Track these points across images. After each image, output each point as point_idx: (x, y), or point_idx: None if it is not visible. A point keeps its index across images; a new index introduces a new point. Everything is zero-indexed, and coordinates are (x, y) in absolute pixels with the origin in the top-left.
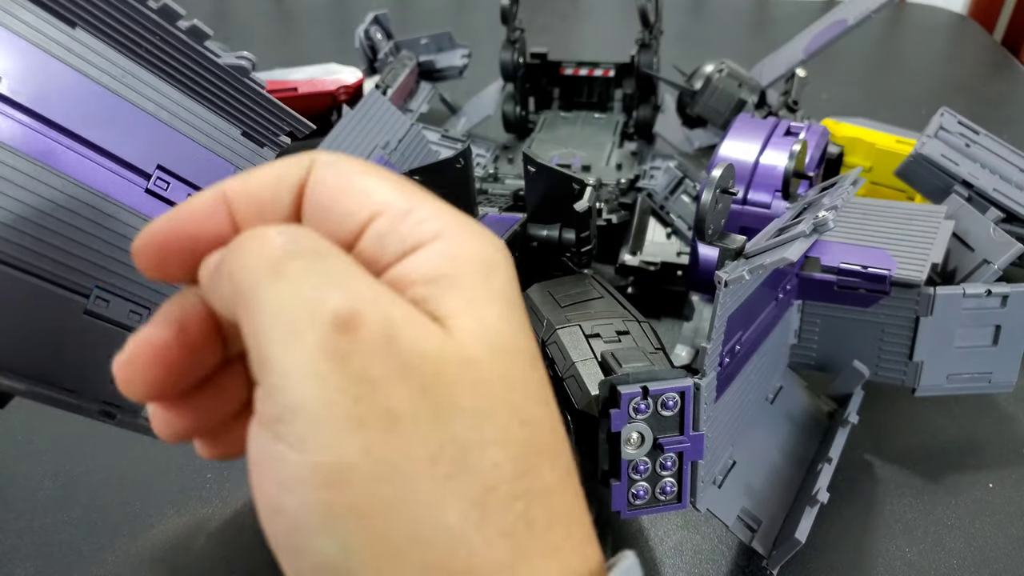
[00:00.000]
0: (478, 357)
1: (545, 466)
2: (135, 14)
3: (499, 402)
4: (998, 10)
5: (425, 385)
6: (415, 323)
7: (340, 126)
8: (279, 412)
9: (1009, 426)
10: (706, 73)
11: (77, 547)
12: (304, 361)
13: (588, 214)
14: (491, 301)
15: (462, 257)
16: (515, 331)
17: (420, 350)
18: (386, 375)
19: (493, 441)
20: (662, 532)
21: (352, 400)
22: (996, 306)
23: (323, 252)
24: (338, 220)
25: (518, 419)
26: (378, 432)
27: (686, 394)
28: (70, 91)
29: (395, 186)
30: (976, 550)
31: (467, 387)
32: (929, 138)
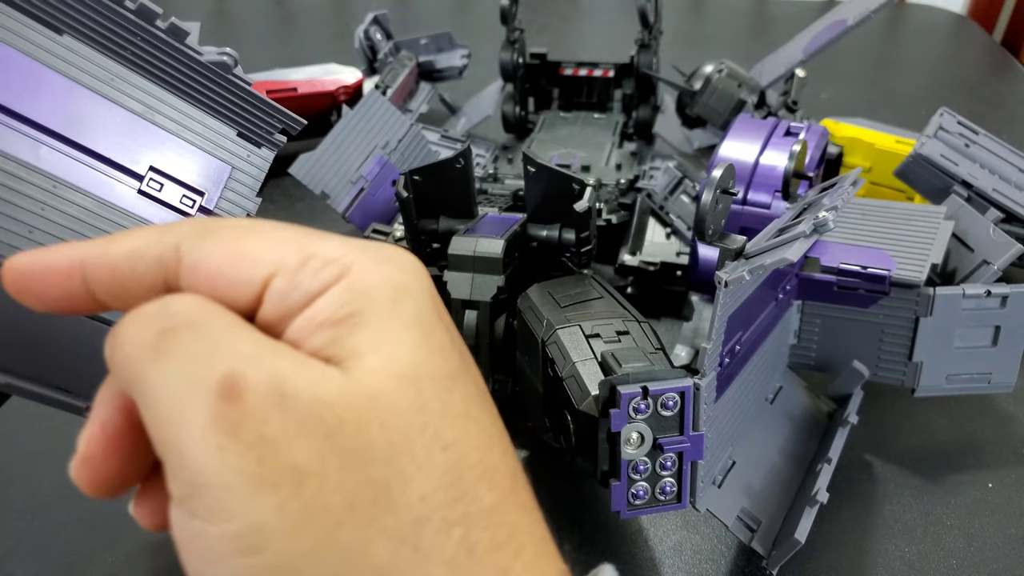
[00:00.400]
0: (384, 391)
1: (481, 487)
2: (116, 16)
3: (414, 433)
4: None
5: (328, 433)
6: (308, 372)
7: (340, 126)
8: (187, 490)
9: (1008, 426)
10: (705, 73)
11: (77, 548)
12: (198, 438)
13: (588, 214)
14: (401, 330)
15: (366, 291)
16: (428, 356)
17: (316, 398)
18: (284, 432)
19: (415, 472)
20: (661, 532)
21: (255, 463)
22: (996, 307)
23: (200, 320)
24: (232, 290)
25: (439, 445)
26: (288, 489)
27: (686, 394)
28: (60, 96)
29: (283, 237)
30: (975, 550)
31: (376, 424)
32: (928, 138)
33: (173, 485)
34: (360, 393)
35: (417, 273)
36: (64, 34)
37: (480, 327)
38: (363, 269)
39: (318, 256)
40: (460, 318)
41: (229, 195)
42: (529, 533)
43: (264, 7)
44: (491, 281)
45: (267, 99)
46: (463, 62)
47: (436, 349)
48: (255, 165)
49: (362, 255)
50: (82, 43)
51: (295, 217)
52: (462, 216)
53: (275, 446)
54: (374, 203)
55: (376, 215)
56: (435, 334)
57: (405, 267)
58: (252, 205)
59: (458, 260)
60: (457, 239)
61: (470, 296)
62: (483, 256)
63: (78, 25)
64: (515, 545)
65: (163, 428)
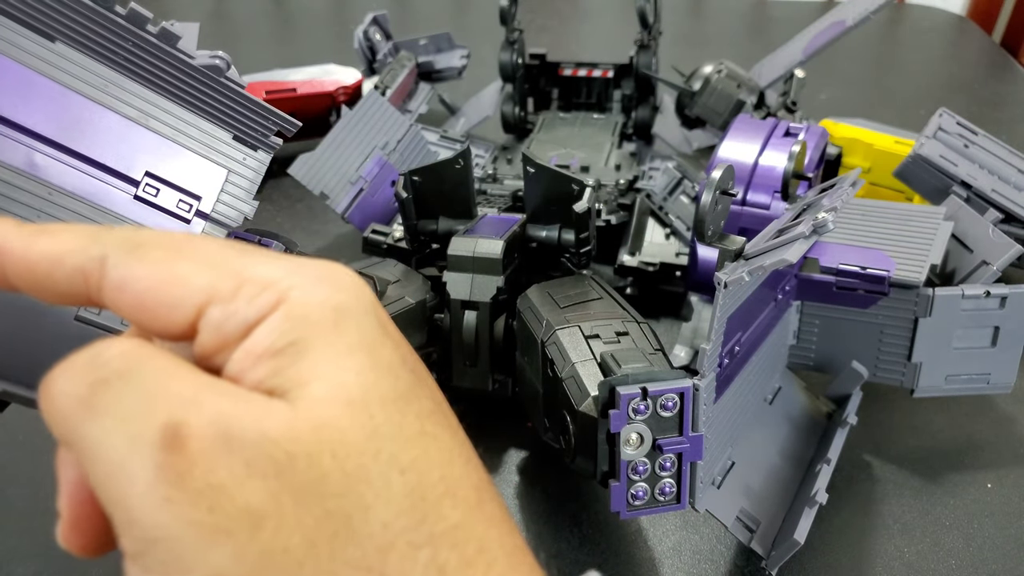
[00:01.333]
0: (333, 420)
1: (445, 505)
2: (107, 22)
3: (369, 460)
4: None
5: (279, 470)
6: (252, 408)
7: (339, 127)
8: (140, 546)
9: (1007, 427)
10: (705, 74)
11: None
12: (144, 492)
13: (587, 215)
14: (345, 354)
15: (305, 316)
16: (376, 378)
17: (263, 435)
18: (233, 475)
19: (374, 500)
20: (661, 532)
21: (206, 512)
22: (995, 307)
23: (133, 367)
24: (162, 315)
25: (396, 468)
26: (243, 535)
27: (685, 395)
28: (54, 103)
29: (215, 258)
30: (975, 550)
31: (327, 455)
32: (928, 139)
33: (124, 541)
34: (308, 424)
35: (358, 291)
36: (57, 41)
37: (480, 328)
38: (301, 293)
39: (253, 281)
40: (459, 319)
41: (226, 198)
42: (500, 546)
43: (263, 8)
44: (491, 282)
45: (261, 101)
46: (462, 62)
47: (384, 370)
48: (252, 168)
49: (299, 277)
50: (75, 50)
51: (295, 218)
52: (461, 217)
53: (225, 491)
54: (373, 203)
55: (375, 215)
56: (382, 354)
57: (345, 286)
58: (249, 208)
59: (457, 261)
60: (456, 240)
61: (470, 297)
62: (483, 257)
63: (70, 32)
64: (486, 560)
65: (107, 485)
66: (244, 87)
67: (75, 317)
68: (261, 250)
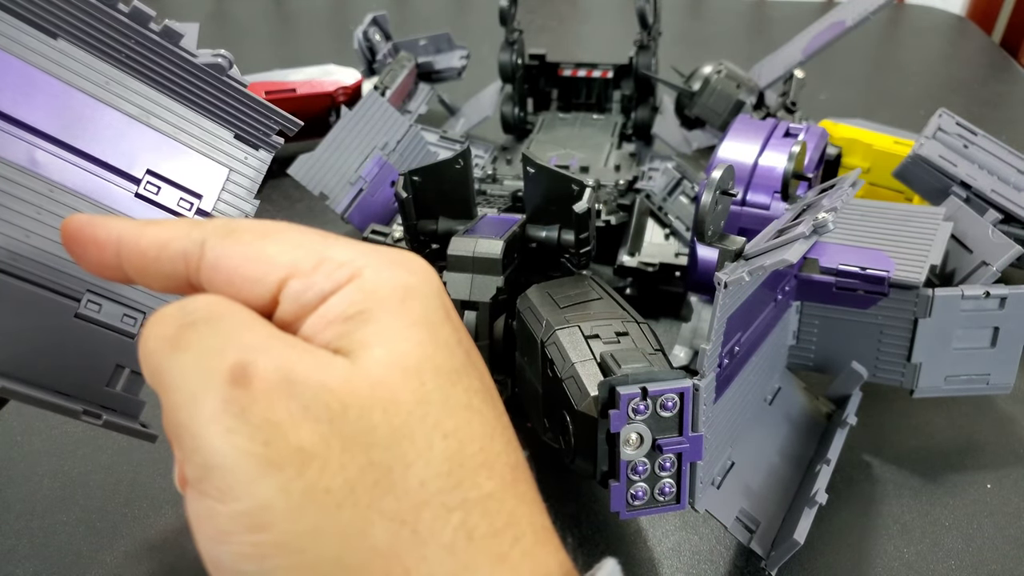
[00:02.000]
0: (388, 380)
1: (481, 475)
2: (109, 20)
3: (415, 421)
4: (996, 11)
5: (332, 418)
6: (315, 360)
7: (338, 127)
8: (200, 472)
9: (1007, 427)
10: (704, 74)
11: (76, 548)
12: (209, 421)
13: (587, 215)
14: (407, 327)
15: (375, 291)
16: (433, 351)
17: (322, 384)
18: (290, 416)
19: (415, 458)
20: (660, 533)
21: (261, 445)
22: (994, 308)
23: (215, 315)
24: (248, 289)
25: (440, 433)
26: (292, 470)
27: (685, 395)
28: (55, 100)
29: (299, 241)
30: (974, 551)
31: (378, 411)
32: (927, 139)
33: (188, 468)
34: (364, 381)
35: (427, 276)
36: (59, 38)
37: (479, 328)
38: (374, 272)
39: (331, 259)
40: (459, 319)
41: (227, 197)
42: (529, 522)
43: (263, 8)
44: (490, 282)
45: (263, 100)
46: (462, 63)
47: (441, 345)
48: (253, 167)
49: (373, 259)
50: (77, 47)
51: (294, 218)
52: (461, 217)
53: (280, 429)
54: (373, 204)
55: (375, 216)
56: (441, 332)
57: (415, 270)
58: (250, 207)
59: (457, 261)
60: (456, 240)
61: (469, 297)
62: (482, 257)
63: (72, 29)
64: (513, 532)
65: (178, 413)
66: (246, 86)
67: (75, 315)
68: (339, 237)
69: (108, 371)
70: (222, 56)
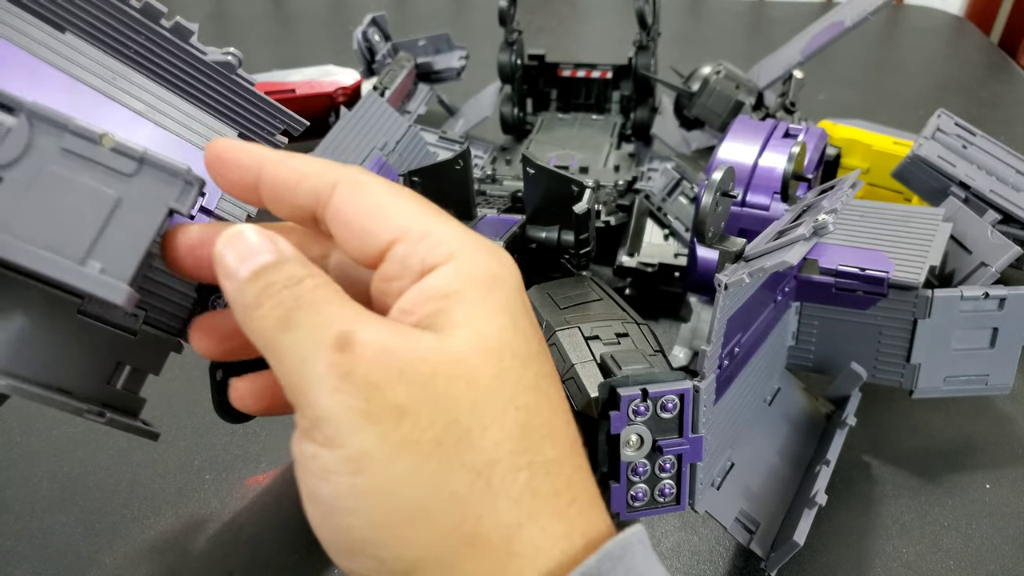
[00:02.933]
0: (472, 357)
1: (545, 444)
2: (120, 15)
3: (493, 392)
4: (995, 12)
5: (424, 382)
6: (408, 334)
7: (338, 128)
8: (310, 423)
9: (1006, 427)
10: (703, 75)
11: (75, 548)
12: (319, 381)
13: (587, 216)
14: (491, 312)
15: (469, 275)
16: (512, 337)
17: (416, 353)
18: (388, 378)
19: (491, 423)
20: (660, 533)
21: (364, 401)
22: (993, 308)
23: (320, 300)
24: (361, 239)
25: (513, 405)
26: (389, 423)
27: (685, 396)
28: (62, 95)
29: (414, 209)
30: (973, 551)
31: (463, 381)
32: (926, 140)
33: (300, 420)
34: (452, 355)
35: (512, 270)
36: (67, 32)
37: None
38: (467, 256)
39: (436, 235)
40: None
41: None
42: (583, 488)
43: (263, 8)
44: None
45: (270, 100)
46: (461, 63)
47: (519, 332)
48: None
49: (470, 244)
50: (85, 41)
51: None
52: (461, 218)
53: (379, 388)
54: None
55: None
56: (520, 321)
57: (504, 262)
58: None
59: None
60: None
61: None
62: None
63: (81, 23)
64: (571, 494)
65: (291, 377)
66: (254, 84)
67: (78, 311)
68: (449, 216)
69: (109, 368)
70: (231, 54)
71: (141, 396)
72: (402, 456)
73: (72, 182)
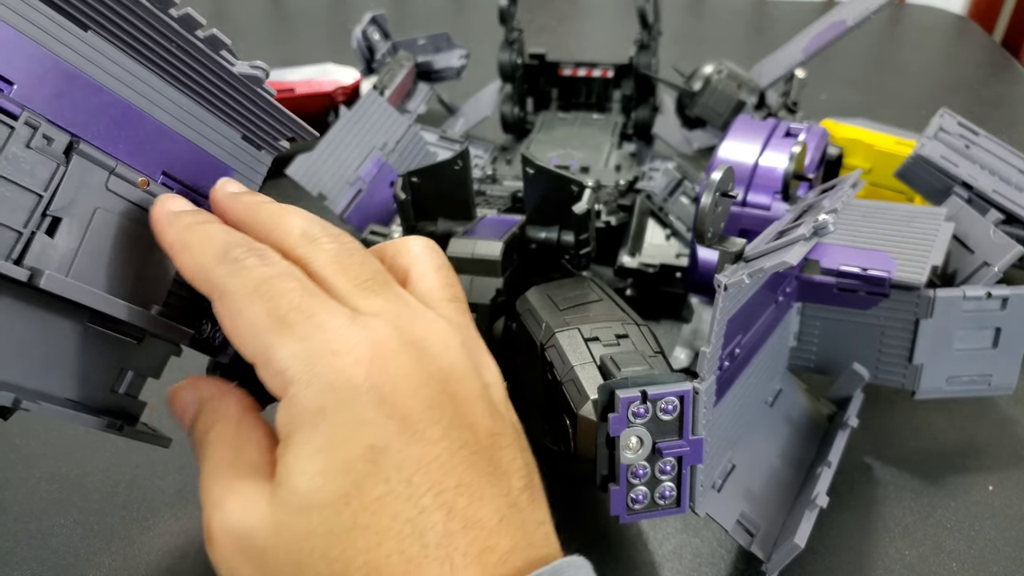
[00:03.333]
0: (288, 522)
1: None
2: (154, 21)
3: (305, 554)
4: (997, 11)
5: (260, 559)
6: (248, 506)
7: (337, 127)
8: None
9: (1009, 428)
10: (705, 74)
11: (74, 550)
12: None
13: (587, 216)
14: (309, 457)
15: (296, 414)
16: (322, 482)
17: (246, 532)
18: (235, 561)
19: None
20: (661, 536)
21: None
22: (996, 308)
23: (203, 445)
24: None
25: (325, 561)
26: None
27: (685, 398)
28: (80, 96)
29: (261, 326)
30: (976, 553)
31: (282, 551)
32: (929, 139)
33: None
34: (271, 525)
35: (344, 392)
36: (89, 31)
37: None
38: (301, 387)
39: (272, 362)
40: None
41: None
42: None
43: (262, 7)
44: (490, 283)
45: (289, 113)
46: (461, 62)
47: (335, 473)
48: (256, 169)
49: (305, 367)
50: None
51: None
52: (461, 218)
53: (235, 571)
54: (372, 204)
55: (374, 216)
56: (342, 451)
57: (326, 387)
58: None
59: (456, 262)
60: (456, 241)
61: (468, 298)
62: (482, 258)
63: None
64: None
65: None
66: (275, 95)
67: (88, 320)
68: (307, 319)
69: (114, 374)
70: (259, 67)
71: (141, 400)
72: None
73: (118, 222)
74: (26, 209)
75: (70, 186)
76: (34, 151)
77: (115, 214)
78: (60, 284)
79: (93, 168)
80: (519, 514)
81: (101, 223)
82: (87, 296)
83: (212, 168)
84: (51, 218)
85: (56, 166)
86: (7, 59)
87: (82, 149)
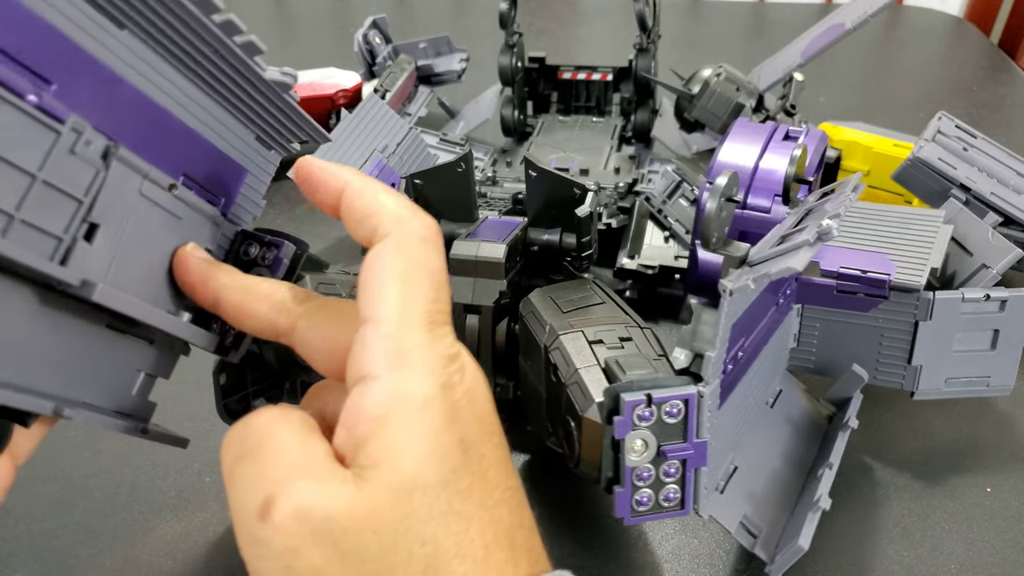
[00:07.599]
0: (381, 505)
1: (453, 564)
2: (195, 24)
3: (400, 535)
4: (995, 13)
5: (335, 541)
6: (324, 492)
7: (338, 130)
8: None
9: (1007, 429)
10: (704, 77)
11: (75, 552)
12: (248, 546)
13: (589, 219)
14: (414, 441)
15: (399, 398)
16: (427, 467)
17: (327, 514)
18: (302, 542)
19: (398, 566)
20: (660, 536)
21: (283, 568)
22: (994, 310)
23: (259, 447)
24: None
25: (418, 543)
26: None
27: (690, 402)
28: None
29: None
30: (974, 554)
31: (370, 533)
32: (927, 142)
33: None
34: (363, 506)
35: (443, 388)
36: (125, 29)
37: (482, 332)
38: (399, 373)
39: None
40: (462, 323)
41: (242, 200)
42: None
43: (264, 11)
44: (493, 286)
45: (308, 118)
46: (462, 66)
47: (437, 458)
48: (265, 169)
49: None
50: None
51: (296, 220)
52: (463, 220)
53: (296, 553)
54: None
55: None
56: (441, 440)
57: (435, 380)
58: (259, 209)
59: (460, 264)
60: (458, 243)
61: (472, 301)
62: (485, 260)
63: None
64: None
65: (236, 530)
66: (298, 99)
67: (107, 325)
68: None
69: (130, 376)
70: (288, 74)
71: (152, 401)
72: None
73: (149, 227)
74: (67, 215)
75: (110, 192)
76: (77, 156)
77: (146, 219)
78: (111, 296)
79: (130, 173)
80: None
81: (134, 228)
82: (135, 308)
83: (228, 168)
84: (88, 224)
85: (96, 172)
86: (45, 56)
87: (121, 155)
